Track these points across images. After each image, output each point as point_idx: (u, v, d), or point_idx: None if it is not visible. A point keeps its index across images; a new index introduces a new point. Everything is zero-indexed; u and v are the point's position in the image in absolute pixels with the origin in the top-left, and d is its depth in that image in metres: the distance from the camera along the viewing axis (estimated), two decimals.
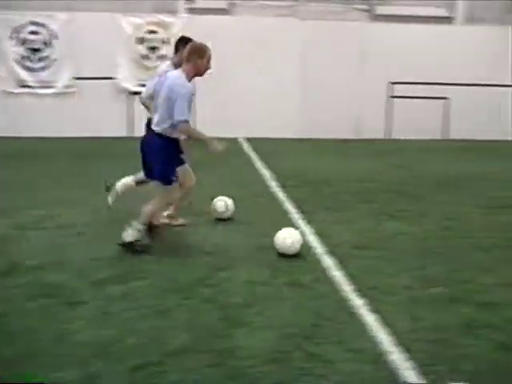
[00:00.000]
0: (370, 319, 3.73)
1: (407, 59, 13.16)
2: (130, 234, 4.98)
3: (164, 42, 12.90)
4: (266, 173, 8.90)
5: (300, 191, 7.66)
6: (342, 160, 10.58)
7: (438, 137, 13.97)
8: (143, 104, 5.86)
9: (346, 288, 4.27)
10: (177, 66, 5.38)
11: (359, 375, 3.07)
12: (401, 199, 7.38)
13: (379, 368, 3.13)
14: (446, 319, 3.76)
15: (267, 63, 13.19)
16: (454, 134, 13.87)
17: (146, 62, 12.92)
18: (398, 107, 13.58)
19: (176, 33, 12.80)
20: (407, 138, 13.37)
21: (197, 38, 12.41)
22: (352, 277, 4.48)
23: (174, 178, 5.03)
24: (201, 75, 5.04)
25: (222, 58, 12.82)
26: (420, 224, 6.14)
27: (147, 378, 3.04)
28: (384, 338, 3.45)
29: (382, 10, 14.08)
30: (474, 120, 13.62)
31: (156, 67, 12.68)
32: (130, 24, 12.76)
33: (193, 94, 4.94)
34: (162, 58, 12.87)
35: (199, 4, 13.70)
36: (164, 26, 12.88)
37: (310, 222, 6.07)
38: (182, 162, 5.44)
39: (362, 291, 4.18)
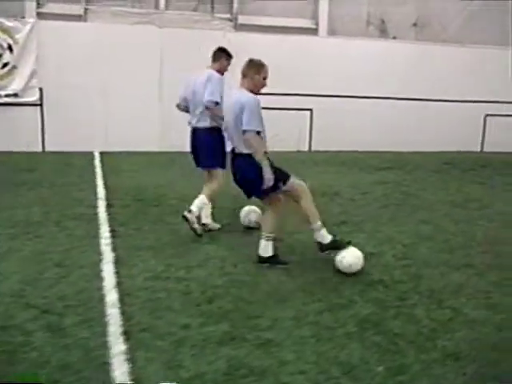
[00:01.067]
0: (119, 371, 3.19)
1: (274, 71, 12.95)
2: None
3: (8, 48, 11.85)
4: (100, 191, 8.22)
5: (125, 211, 7.05)
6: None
7: (304, 148, 13.88)
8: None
9: (114, 330, 3.71)
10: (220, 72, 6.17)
11: None
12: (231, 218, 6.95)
13: None
14: (209, 366, 3.30)
15: (124, 73, 12.51)
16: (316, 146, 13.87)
17: None
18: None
19: (21, 38, 11.94)
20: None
21: (47, 44, 11.84)
22: (128, 316, 3.93)
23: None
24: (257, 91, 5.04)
25: (76, 67, 12.20)
26: (239, 247, 5.72)
27: None
28: None
29: (244, 19, 13.81)
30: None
31: (1, 76, 11.90)
32: None
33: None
34: (5, 66, 11.92)
35: (51, 9, 12.79)
36: (7, 31, 11.85)
37: (116, 248, 5.48)
38: None
39: (129, 334, 3.65)
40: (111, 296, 4.30)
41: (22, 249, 5.46)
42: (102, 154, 11.99)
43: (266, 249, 5.10)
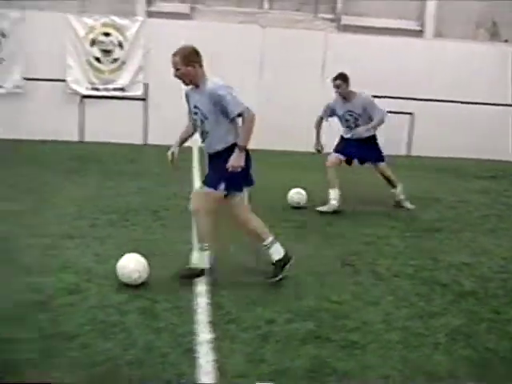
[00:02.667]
0: (204, 360, 3.27)
1: (371, 71, 12.78)
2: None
3: (118, 45, 12.43)
4: (196, 185, 8.43)
5: None
6: (282, 173, 10.10)
7: (403, 153, 13.56)
8: None
9: (202, 319, 3.81)
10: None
11: None
12: (315, 219, 6.92)
13: None
14: (291, 363, 3.30)
15: (226, 70, 12.73)
16: (416, 151, 13.49)
17: (99, 65, 12.46)
18: None
19: (131, 36, 12.46)
20: None
21: (154, 41, 12.28)
22: (217, 306, 4.03)
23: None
24: None
25: None
26: (328, 248, 5.69)
27: None
28: None
29: (347, 20, 13.68)
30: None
31: (110, 71, 12.51)
32: (82, 25, 12.29)
33: None
34: (115, 61, 12.49)
35: (160, 8, 13.28)
36: (118, 28, 12.42)
37: None
38: None
39: (217, 324, 3.73)
40: (200, 286, 4.40)
41: (119, 235, 5.71)
42: (200, 149, 12.27)
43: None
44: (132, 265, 4.33)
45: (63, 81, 12.40)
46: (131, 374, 3.09)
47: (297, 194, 7.40)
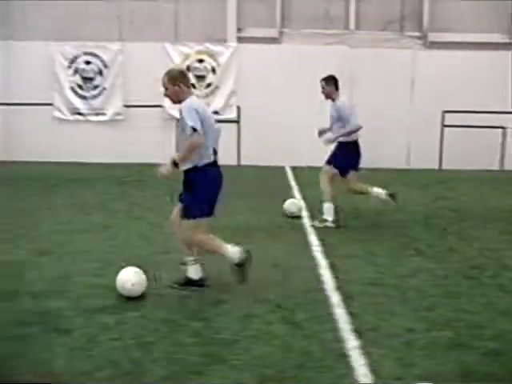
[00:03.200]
0: (358, 364, 3.50)
1: (461, 87, 12.79)
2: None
3: (211, 70, 13.01)
4: (302, 203, 8.72)
5: None
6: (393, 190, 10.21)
7: (495, 167, 13.38)
8: None
9: (345, 327, 4.05)
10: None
11: None
12: (433, 233, 7.04)
13: None
14: (441, 367, 3.49)
15: (315, 92, 13.04)
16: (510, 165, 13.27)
17: (194, 91, 13.04)
18: (450, 137, 13.10)
19: (223, 61, 13.01)
20: (460, 168, 12.84)
21: (245, 66, 12.78)
22: (354, 316, 4.26)
23: None
24: None
25: (270, 86, 13.01)
26: (446, 261, 5.82)
27: None
28: None
29: (434, 36, 13.72)
30: None
31: (204, 95, 13.09)
32: (178, 53, 12.97)
33: None
34: (209, 86, 13.07)
35: (249, 33, 13.79)
36: (212, 55, 13.02)
37: (329, 255, 5.87)
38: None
39: (359, 332, 3.96)
40: (334, 298, 4.65)
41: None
42: (292, 168, 12.62)
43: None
44: (129, 276, 4.56)
45: (160, 106, 13.08)
46: (296, 375, 3.37)
47: (292, 205, 7.87)
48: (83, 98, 13.16)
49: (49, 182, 10.45)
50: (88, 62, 13.07)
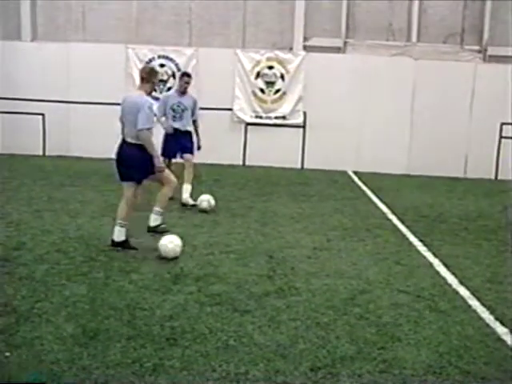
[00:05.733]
0: None
1: None
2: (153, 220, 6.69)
3: (280, 77, 13.61)
4: (381, 206, 9.29)
5: (418, 225, 8.00)
6: (452, 197, 10.77)
7: None
8: None
9: (486, 317, 4.60)
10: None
11: None
12: None
13: None
14: None
15: (378, 100, 13.62)
16: None
17: (263, 96, 13.69)
18: (507, 148, 13.57)
19: (292, 69, 13.61)
20: None
21: (312, 73, 13.35)
22: (490, 307, 4.81)
23: None
24: None
25: (334, 94, 13.60)
26: None
27: (322, 379, 3.53)
28: None
29: (493, 50, 14.20)
30: None
31: (273, 101, 13.70)
32: (249, 59, 13.59)
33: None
34: (277, 92, 13.67)
35: (315, 42, 14.37)
36: (281, 62, 13.62)
37: (436, 254, 6.43)
38: None
39: (502, 321, 4.51)
40: (463, 291, 5.21)
41: (356, 248, 6.63)
42: (355, 172, 13.18)
43: (119, 233, 6.06)
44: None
45: (230, 110, 13.72)
46: (466, 352, 3.94)
47: (205, 202, 8.29)
48: (156, 99, 13.76)
49: None
50: (162, 65, 13.70)
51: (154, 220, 6.70)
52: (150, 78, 6.07)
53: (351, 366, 3.68)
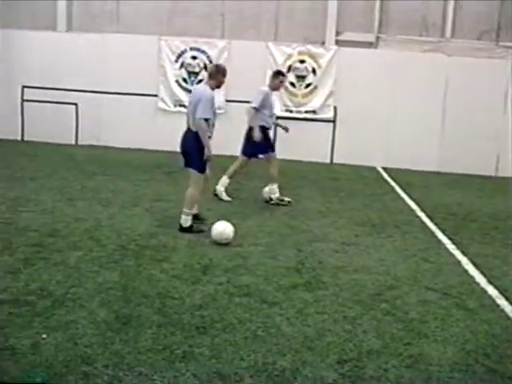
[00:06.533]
0: None
1: None
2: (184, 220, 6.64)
3: (312, 71, 13.60)
4: (410, 203, 9.26)
5: (447, 223, 7.97)
6: (483, 196, 10.68)
7: None
8: None
9: None
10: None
11: None
12: None
13: None
14: None
15: (409, 96, 13.52)
16: None
17: (293, 90, 13.70)
18: None
19: (324, 63, 13.59)
20: None
21: (343, 68, 13.32)
22: None
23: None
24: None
25: (365, 89, 13.55)
26: None
27: (349, 371, 3.58)
28: None
29: None
30: None
31: (303, 95, 13.71)
32: (280, 53, 13.61)
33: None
34: (308, 86, 13.67)
35: (347, 37, 14.32)
36: (313, 56, 13.61)
37: (464, 253, 6.41)
38: None
39: None
40: (491, 290, 5.20)
41: (384, 244, 6.65)
42: (384, 168, 13.14)
43: (184, 221, 6.56)
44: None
45: None
46: (493, 351, 3.96)
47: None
48: (187, 90, 13.90)
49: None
50: (194, 57, 13.81)
51: (185, 221, 6.63)
52: (213, 73, 6.84)
53: (377, 360, 3.73)
